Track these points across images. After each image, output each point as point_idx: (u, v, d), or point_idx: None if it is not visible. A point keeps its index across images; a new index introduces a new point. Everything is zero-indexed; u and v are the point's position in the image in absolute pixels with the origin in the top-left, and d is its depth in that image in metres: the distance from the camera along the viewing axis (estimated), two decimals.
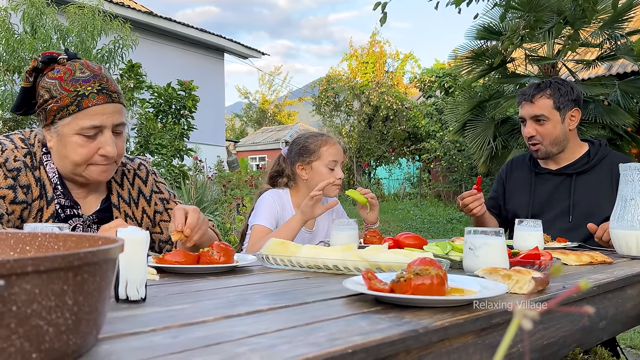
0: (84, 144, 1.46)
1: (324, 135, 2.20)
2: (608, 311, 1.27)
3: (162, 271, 1.28)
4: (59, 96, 1.45)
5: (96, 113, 1.46)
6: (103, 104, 1.46)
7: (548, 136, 2.18)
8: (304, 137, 2.20)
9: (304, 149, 2.14)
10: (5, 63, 6.42)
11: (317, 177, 2.11)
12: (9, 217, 1.43)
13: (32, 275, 0.50)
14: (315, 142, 2.14)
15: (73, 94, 1.44)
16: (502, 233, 1.25)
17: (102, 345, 0.64)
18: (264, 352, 0.61)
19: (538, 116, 2.18)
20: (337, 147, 2.15)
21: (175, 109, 7.79)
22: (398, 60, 18.16)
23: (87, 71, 1.48)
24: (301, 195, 2.17)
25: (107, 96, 1.47)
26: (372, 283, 0.95)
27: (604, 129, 5.99)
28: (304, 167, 2.14)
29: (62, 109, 1.45)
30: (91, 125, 1.45)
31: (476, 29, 6.10)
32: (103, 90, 1.47)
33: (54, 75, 1.47)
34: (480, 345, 0.88)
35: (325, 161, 2.12)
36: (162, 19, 12.24)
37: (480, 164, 6.62)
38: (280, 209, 2.11)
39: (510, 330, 0.32)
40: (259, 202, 2.12)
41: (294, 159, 2.17)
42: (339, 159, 2.14)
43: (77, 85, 1.45)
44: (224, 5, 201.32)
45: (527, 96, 2.20)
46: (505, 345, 0.34)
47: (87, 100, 1.45)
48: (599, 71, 8.62)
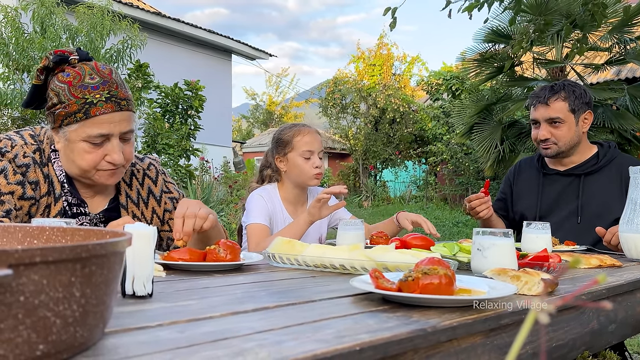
0: (90, 150, 1.45)
1: (297, 125, 2.21)
2: (618, 314, 1.25)
3: (168, 268, 1.28)
4: (67, 102, 1.43)
5: (104, 122, 1.43)
6: (111, 112, 1.44)
7: (563, 138, 2.17)
8: (279, 130, 2.22)
9: (279, 141, 2.17)
10: (15, 62, 6.45)
11: (293, 168, 2.13)
12: (17, 213, 1.44)
13: (40, 265, 0.50)
14: (288, 133, 2.15)
15: (81, 101, 1.42)
16: (510, 234, 1.24)
17: (108, 339, 0.64)
18: (271, 348, 0.61)
19: (554, 119, 2.16)
20: (311, 136, 2.14)
21: (182, 109, 7.81)
22: (405, 62, 18.13)
23: (96, 77, 1.45)
24: (286, 188, 2.19)
25: (115, 104, 1.45)
26: (380, 282, 0.94)
27: (613, 134, 5.96)
28: (281, 159, 2.16)
29: (69, 115, 1.43)
30: (98, 134, 1.44)
31: (484, 31, 6.09)
32: (112, 98, 1.44)
33: (64, 79, 1.45)
34: (489, 346, 0.87)
35: (299, 151, 2.12)
36: (170, 19, 12.28)
37: (487, 167, 6.59)
38: (270, 204, 2.12)
39: (527, 324, 0.31)
40: (248, 202, 2.13)
41: (273, 152, 2.20)
42: (314, 148, 2.13)
43: (86, 92, 1.43)
44: (233, 7, 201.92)
45: (542, 98, 2.17)
46: (521, 339, 0.33)
47: (94, 109, 1.42)
48: (608, 75, 8.58)
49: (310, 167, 2.11)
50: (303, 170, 2.12)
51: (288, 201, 2.18)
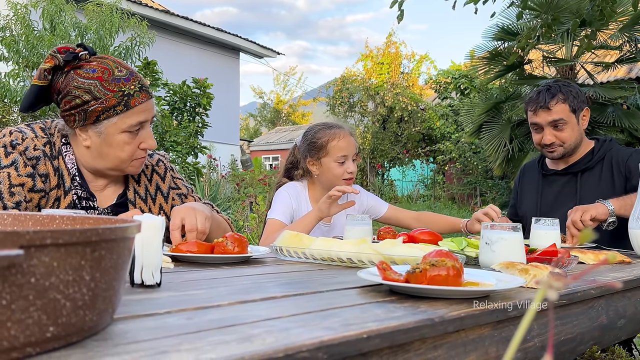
0: (129, 141, 1.51)
1: (333, 127, 2.10)
2: (627, 310, 1.24)
3: (176, 260, 1.29)
4: (103, 97, 1.45)
5: (142, 110, 1.51)
6: (146, 101, 1.52)
7: (568, 140, 2.16)
8: (312, 132, 2.13)
9: (312, 145, 2.08)
10: (25, 59, 6.50)
11: (327, 172, 2.07)
12: (27, 205, 1.45)
13: (50, 248, 0.50)
14: (323, 138, 2.07)
15: (119, 94, 1.46)
16: (519, 228, 1.23)
17: (117, 325, 0.64)
18: (279, 334, 0.61)
19: (557, 121, 2.15)
20: (347, 140, 2.07)
21: (190, 107, 7.83)
22: (413, 61, 18.09)
23: (123, 69, 1.50)
24: (317, 188, 2.14)
25: (147, 93, 1.52)
26: (387, 274, 0.94)
27: (623, 133, 5.91)
28: (313, 163, 2.09)
29: (108, 109, 1.46)
30: (138, 122, 1.50)
31: (494, 29, 6.06)
32: (143, 87, 1.52)
33: (91, 75, 1.46)
34: (497, 338, 0.86)
35: (334, 157, 2.05)
36: (178, 17, 12.32)
37: (496, 166, 6.56)
38: (295, 203, 2.08)
39: (537, 299, 0.31)
40: (275, 196, 2.10)
41: (304, 154, 2.12)
42: (349, 152, 2.06)
43: (121, 84, 1.47)
44: (243, 6, 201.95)
45: (542, 102, 2.16)
46: (529, 319, 0.33)
47: (133, 100, 1.49)
48: (618, 74, 8.51)
49: (343, 171, 2.05)
50: (336, 176, 2.05)
51: (315, 200, 2.12)
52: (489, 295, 0.91)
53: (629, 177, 2.09)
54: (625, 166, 2.11)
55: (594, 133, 5.60)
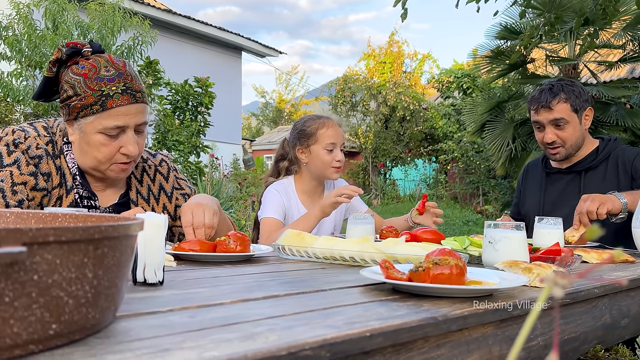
0: (106, 142, 1.46)
1: (322, 117, 2.20)
2: (630, 309, 1.24)
3: (179, 259, 1.29)
4: (83, 94, 1.44)
5: (120, 114, 1.44)
6: (127, 104, 1.45)
7: (569, 139, 2.16)
8: (302, 122, 2.20)
9: (302, 133, 2.15)
10: (27, 58, 6.51)
11: (316, 159, 2.13)
12: (29, 204, 1.45)
13: (53, 245, 0.50)
14: (313, 125, 2.14)
15: (97, 94, 1.43)
16: (522, 227, 1.23)
17: (120, 323, 0.64)
18: (282, 332, 0.61)
19: (558, 120, 2.14)
20: (335, 129, 2.15)
21: (192, 106, 7.84)
22: (416, 60, 18.06)
23: (112, 69, 1.46)
24: (304, 180, 2.19)
25: (131, 96, 1.46)
26: (390, 272, 0.94)
27: (626, 132, 5.89)
28: (303, 151, 2.15)
29: (85, 107, 1.44)
30: (114, 126, 1.45)
31: (496, 28, 6.05)
32: (128, 90, 1.45)
33: (79, 72, 1.45)
34: (500, 337, 0.86)
35: (323, 144, 2.12)
36: (180, 16, 12.33)
37: (499, 165, 6.55)
38: (286, 199, 2.12)
39: (541, 297, 0.31)
40: (264, 197, 2.14)
41: (294, 142, 2.18)
42: (337, 140, 2.14)
43: (102, 84, 1.43)
44: (245, 5, 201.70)
45: (544, 102, 2.16)
46: (535, 315, 0.33)
47: (111, 101, 1.43)
48: (622, 73, 8.49)
49: (332, 159, 2.12)
50: (325, 163, 2.12)
51: (304, 192, 2.18)
52: (492, 294, 0.91)
53: (635, 177, 2.08)
54: (631, 166, 2.10)
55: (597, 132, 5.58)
